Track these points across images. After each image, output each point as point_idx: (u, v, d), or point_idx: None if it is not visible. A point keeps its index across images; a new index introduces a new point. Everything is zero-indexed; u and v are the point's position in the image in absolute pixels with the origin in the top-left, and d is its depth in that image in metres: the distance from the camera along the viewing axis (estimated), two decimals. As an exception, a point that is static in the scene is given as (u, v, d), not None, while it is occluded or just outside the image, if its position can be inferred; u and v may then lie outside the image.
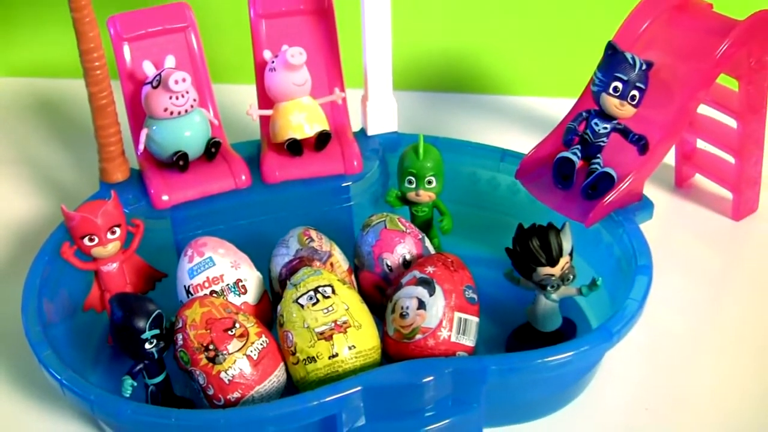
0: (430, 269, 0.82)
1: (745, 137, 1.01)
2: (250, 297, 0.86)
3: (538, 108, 1.28)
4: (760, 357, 0.90)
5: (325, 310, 0.78)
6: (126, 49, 0.97)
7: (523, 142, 0.99)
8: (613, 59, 0.87)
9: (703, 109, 1.05)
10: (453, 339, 0.80)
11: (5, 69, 1.40)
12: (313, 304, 0.79)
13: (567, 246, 0.83)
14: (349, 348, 0.78)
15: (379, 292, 0.88)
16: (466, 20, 1.28)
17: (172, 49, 0.98)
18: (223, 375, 0.77)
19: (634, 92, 0.87)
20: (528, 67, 1.30)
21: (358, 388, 0.75)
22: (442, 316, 0.80)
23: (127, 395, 0.78)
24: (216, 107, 1.01)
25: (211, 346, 0.77)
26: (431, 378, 0.75)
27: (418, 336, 0.80)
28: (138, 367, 0.80)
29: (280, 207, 0.97)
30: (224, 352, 0.77)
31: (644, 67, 0.87)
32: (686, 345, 0.92)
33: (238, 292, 0.85)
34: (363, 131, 1.05)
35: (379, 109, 1.03)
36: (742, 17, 0.92)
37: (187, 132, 0.95)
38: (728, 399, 0.86)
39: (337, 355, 0.77)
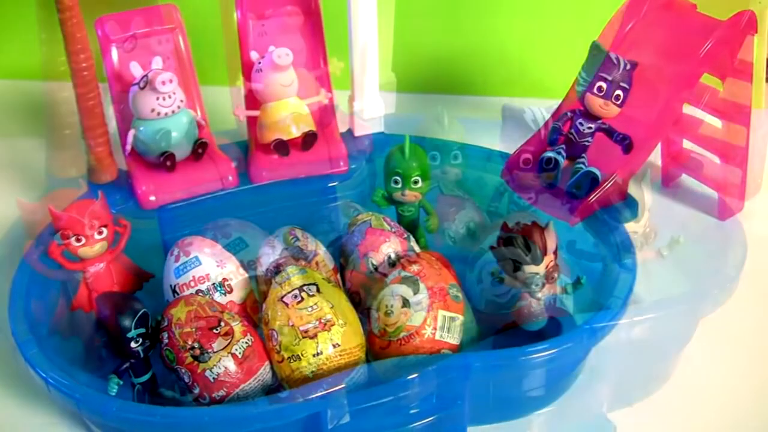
0: (414, 268, 0.83)
1: (730, 137, 1.01)
2: (236, 296, 0.86)
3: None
4: (746, 355, 0.91)
5: (310, 309, 0.79)
6: (114, 51, 0.98)
7: (509, 143, 0.99)
8: (597, 59, 0.87)
9: (689, 109, 1.06)
10: (437, 337, 0.80)
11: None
12: (298, 303, 0.79)
13: (551, 245, 0.83)
14: (334, 346, 0.78)
15: (364, 291, 0.88)
16: (452, 23, 1.29)
17: (160, 50, 0.99)
18: (208, 373, 0.77)
19: (618, 92, 0.87)
20: (513, 69, 1.31)
21: (343, 385, 0.75)
22: (426, 314, 0.80)
23: (113, 394, 0.78)
24: (203, 108, 1.02)
25: (196, 345, 0.77)
26: (415, 375, 0.76)
27: (403, 334, 0.80)
28: (124, 366, 0.80)
29: (267, 207, 0.97)
30: (209, 350, 0.77)
31: (628, 67, 0.87)
32: (671, 343, 0.92)
33: (223, 291, 0.86)
34: (350, 132, 1.05)
35: (366, 110, 1.03)
36: (726, 18, 0.92)
37: (174, 132, 0.95)
38: (714, 397, 0.86)
39: (321, 353, 0.77)
